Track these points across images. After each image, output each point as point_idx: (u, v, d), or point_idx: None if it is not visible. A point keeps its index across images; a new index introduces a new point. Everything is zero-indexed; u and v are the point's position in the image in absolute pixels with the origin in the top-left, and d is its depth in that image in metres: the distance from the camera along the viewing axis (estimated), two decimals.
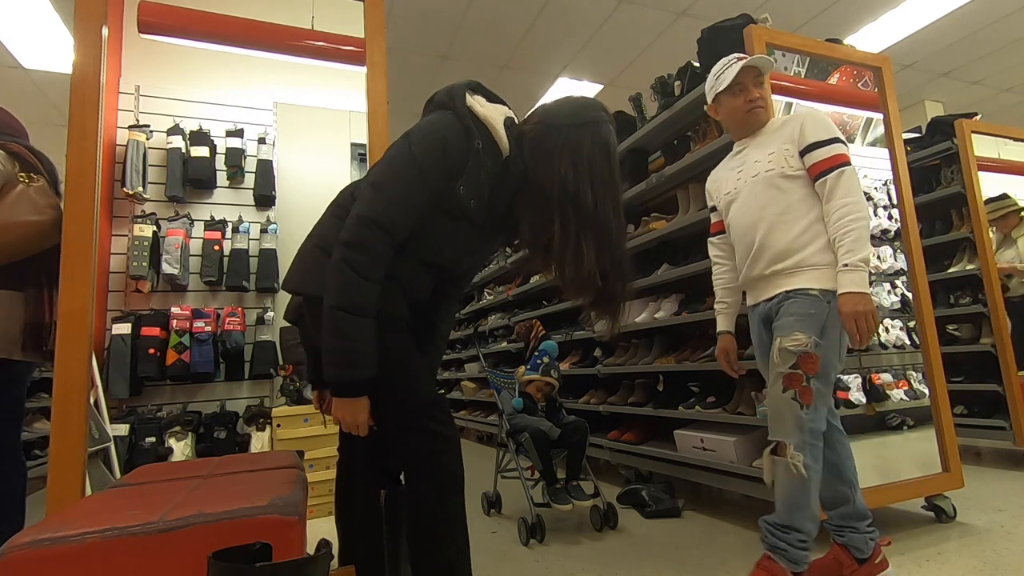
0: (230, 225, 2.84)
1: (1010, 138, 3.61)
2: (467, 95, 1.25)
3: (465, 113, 1.23)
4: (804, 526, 1.59)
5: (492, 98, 1.32)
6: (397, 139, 1.26)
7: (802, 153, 1.73)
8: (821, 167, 1.69)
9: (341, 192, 1.38)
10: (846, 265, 1.61)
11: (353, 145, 3.25)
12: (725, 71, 1.85)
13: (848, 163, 1.68)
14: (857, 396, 2.35)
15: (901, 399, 2.44)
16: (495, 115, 1.25)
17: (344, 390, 1.17)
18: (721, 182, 1.97)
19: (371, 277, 1.14)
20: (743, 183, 1.85)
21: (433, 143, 1.20)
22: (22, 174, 1.83)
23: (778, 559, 1.60)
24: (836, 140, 1.71)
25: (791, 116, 1.83)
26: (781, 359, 1.65)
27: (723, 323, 2.00)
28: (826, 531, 1.77)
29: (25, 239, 1.78)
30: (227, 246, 2.80)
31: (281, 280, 2.83)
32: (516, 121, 1.30)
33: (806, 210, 1.72)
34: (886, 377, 2.47)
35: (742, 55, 1.87)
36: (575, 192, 1.19)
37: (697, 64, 2.69)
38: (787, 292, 1.72)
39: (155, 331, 2.57)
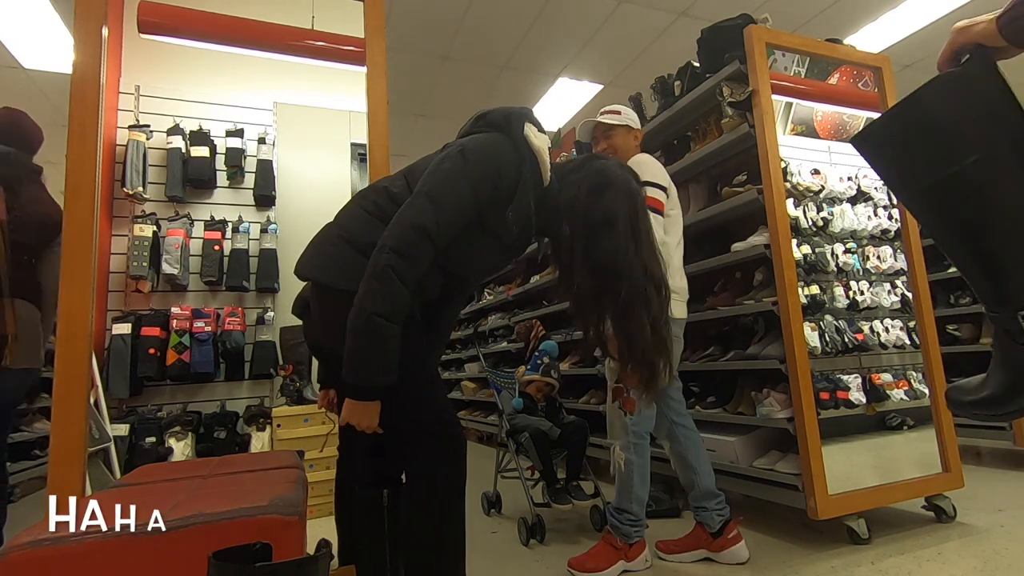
0: (230, 225, 2.84)
1: None
2: (525, 124, 1.29)
3: (522, 142, 1.27)
4: (631, 507, 1.98)
5: (540, 128, 1.35)
6: (450, 151, 1.26)
7: None
8: None
9: (371, 186, 1.40)
10: None
11: (353, 145, 3.24)
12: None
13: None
14: (857, 396, 2.35)
15: (901, 399, 2.44)
16: (545, 147, 1.30)
17: (365, 394, 1.16)
18: None
19: (410, 286, 1.15)
20: None
21: (488, 167, 1.23)
22: None
23: (615, 534, 2.00)
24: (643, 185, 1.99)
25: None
26: (609, 376, 2.02)
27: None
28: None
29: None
30: (227, 246, 2.80)
31: (281, 280, 2.83)
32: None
33: None
34: (886, 377, 2.47)
35: (607, 109, 2.21)
36: (633, 267, 1.25)
37: (697, 64, 2.69)
38: None
39: (155, 331, 2.57)
